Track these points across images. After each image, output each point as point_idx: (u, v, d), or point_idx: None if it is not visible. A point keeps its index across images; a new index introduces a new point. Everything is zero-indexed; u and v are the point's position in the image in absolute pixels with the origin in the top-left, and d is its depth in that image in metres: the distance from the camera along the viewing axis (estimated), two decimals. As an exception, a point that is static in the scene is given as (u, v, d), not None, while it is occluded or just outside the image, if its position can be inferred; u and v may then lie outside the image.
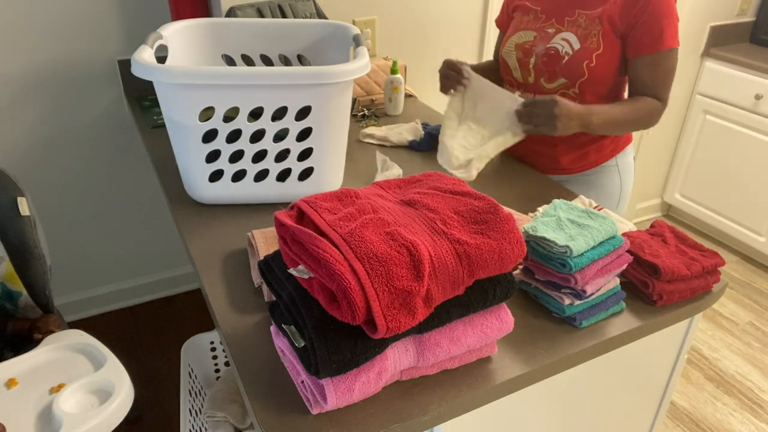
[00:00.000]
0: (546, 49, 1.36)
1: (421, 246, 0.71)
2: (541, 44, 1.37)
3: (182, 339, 1.74)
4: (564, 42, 1.35)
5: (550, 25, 1.38)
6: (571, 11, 1.35)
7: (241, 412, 1.47)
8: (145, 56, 1.09)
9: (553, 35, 1.36)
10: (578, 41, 1.33)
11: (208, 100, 1.11)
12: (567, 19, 1.35)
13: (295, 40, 1.47)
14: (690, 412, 1.97)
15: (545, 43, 1.37)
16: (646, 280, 0.98)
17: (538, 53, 1.37)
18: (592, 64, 1.32)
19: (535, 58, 1.38)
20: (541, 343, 0.91)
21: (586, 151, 1.44)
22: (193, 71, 1.07)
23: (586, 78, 1.34)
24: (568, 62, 1.34)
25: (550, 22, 1.38)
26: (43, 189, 2.04)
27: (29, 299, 1.37)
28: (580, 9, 1.34)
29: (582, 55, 1.33)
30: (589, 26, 1.32)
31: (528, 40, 1.40)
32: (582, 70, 1.33)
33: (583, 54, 1.32)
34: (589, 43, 1.32)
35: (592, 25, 1.32)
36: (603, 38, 1.31)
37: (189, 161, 1.20)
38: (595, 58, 1.32)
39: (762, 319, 2.40)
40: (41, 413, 1.04)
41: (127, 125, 2.06)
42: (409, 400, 0.80)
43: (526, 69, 1.41)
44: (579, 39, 1.33)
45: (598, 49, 1.31)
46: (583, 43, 1.33)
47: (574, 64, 1.33)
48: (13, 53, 1.82)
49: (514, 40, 1.43)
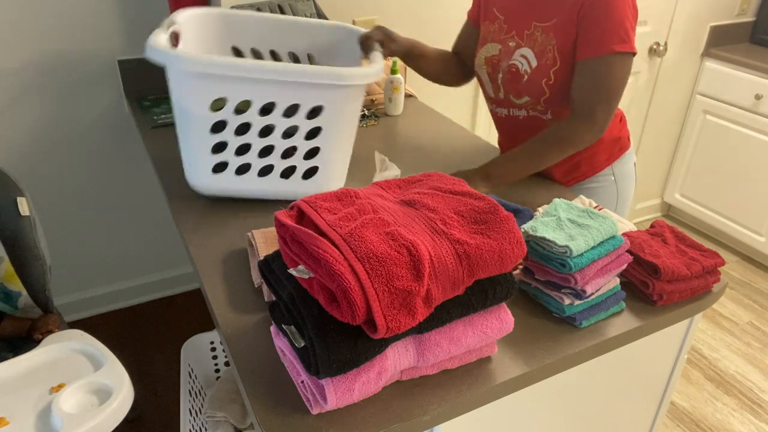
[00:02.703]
0: (508, 66, 1.29)
1: (421, 246, 0.71)
2: (505, 60, 1.30)
3: (182, 339, 1.74)
4: (522, 59, 1.26)
5: (511, 38, 1.29)
6: (528, 24, 1.25)
7: (241, 412, 1.47)
8: (160, 41, 1.07)
9: (513, 50, 1.28)
10: (535, 58, 1.24)
11: (222, 91, 1.09)
12: (525, 32, 1.26)
13: (305, 38, 1.45)
14: (690, 412, 1.97)
15: (507, 59, 1.29)
16: (646, 280, 0.98)
17: (503, 68, 1.30)
18: (551, 81, 1.23)
19: (502, 74, 1.31)
20: (541, 343, 0.91)
21: (577, 161, 1.36)
22: (210, 60, 1.05)
23: (548, 96, 1.26)
24: (528, 81, 1.26)
25: (511, 35, 1.29)
26: (43, 189, 2.04)
27: (29, 299, 1.37)
28: (537, 21, 1.23)
29: (539, 73, 1.24)
30: (545, 41, 1.22)
31: (494, 54, 1.32)
32: (542, 89, 1.25)
33: (540, 72, 1.23)
34: (545, 60, 1.22)
35: (547, 39, 1.21)
36: (558, 52, 1.20)
37: (194, 150, 1.18)
38: (552, 74, 1.22)
39: (762, 319, 2.40)
40: (41, 413, 1.04)
41: (127, 125, 2.06)
42: (409, 400, 0.80)
43: (495, 84, 1.34)
44: (536, 55, 1.24)
45: (555, 65, 1.21)
46: (540, 60, 1.23)
47: (534, 83, 1.25)
48: (13, 53, 1.82)
49: (482, 53, 1.36)
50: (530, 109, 1.30)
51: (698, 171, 2.85)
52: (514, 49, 1.27)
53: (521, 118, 1.34)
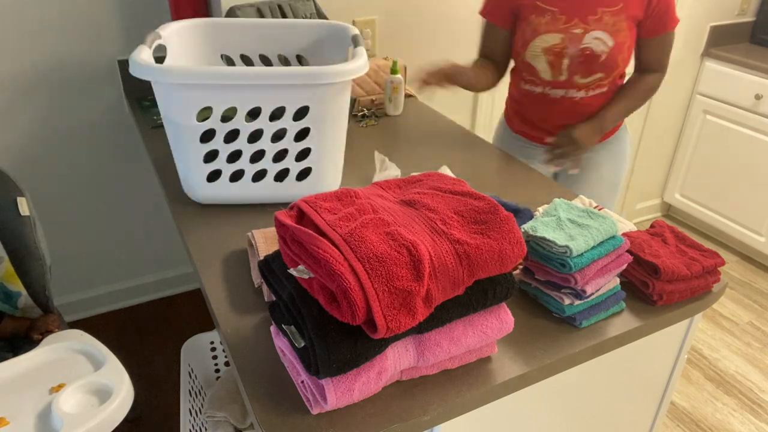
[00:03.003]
0: (581, 50, 1.43)
1: (421, 246, 0.71)
2: (572, 46, 1.43)
3: (182, 339, 1.74)
4: (597, 41, 1.42)
5: (575, 25, 1.43)
6: (593, 10, 1.41)
7: (241, 412, 1.47)
8: (143, 56, 1.09)
9: (581, 36, 1.43)
10: (611, 38, 1.42)
11: (206, 100, 1.11)
12: (591, 17, 1.41)
13: (293, 40, 1.47)
14: (690, 412, 1.97)
15: (576, 45, 1.43)
16: (646, 280, 0.98)
17: (571, 55, 1.44)
18: (625, 55, 1.45)
19: (569, 59, 1.45)
20: (541, 343, 0.91)
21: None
22: (191, 71, 1.07)
23: (619, 69, 1.47)
24: (606, 59, 1.44)
25: (574, 23, 1.43)
26: (43, 189, 2.04)
27: (29, 299, 1.37)
28: (602, 7, 1.41)
29: (617, 50, 1.43)
30: (617, 22, 1.41)
31: (555, 43, 1.44)
32: (617, 63, 1.45)
33: (618, 49, 1.43)
34: (621, 38, 1.42)
35: (619, 20, 1.41)
36: (629, 30, 1.43)
37: (187, 161, 1.20)
38: (626, 49, 1.45)
39: (762, 319, 2.40)
40: (41, 413, 1.04)
41: (127, 125, 2.06)
42: (409, 400, 0.80)
43: (557, 69, 1.48)
44: (611, 35, 1.42)
45: (626, 41, 1.43)
46: (616, 39, 1.42)
47: (612, 59, 1.44)
48: (13, 53, 1.82)
49: (538, 44, 1.46)
50: (593, 87, 1.49)
51: (698, 171, 2.85)
52: (582, 34, 1.43)
53: (576, 100, 1.52)
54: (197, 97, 1.10)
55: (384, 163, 1.39)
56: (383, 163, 1.39)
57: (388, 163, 1.38)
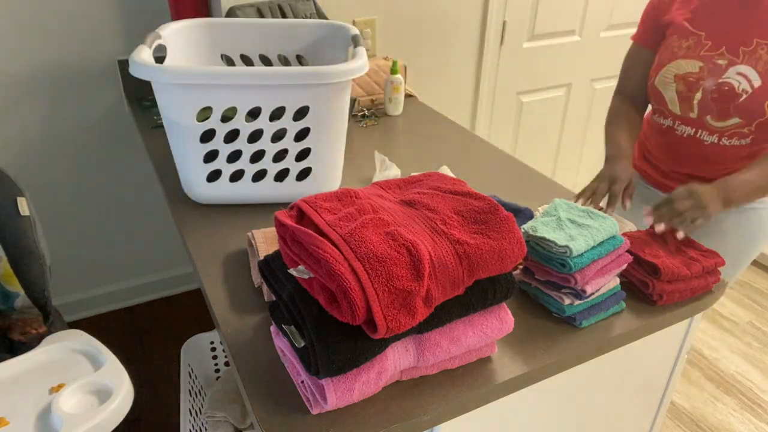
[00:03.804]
0: (718, 85, 1.21)
1: (421, 246, 0.71)
2: (711, 78, 1.22)
3: (182, 339, 1.74)
4: (740, 77, 1.19)
5: (720, 55, 1.21)
6: (748, 40, 1.18)
7: (241, 412, 1.47)
8: (143, 56, 1.09)
9: (725, 68, 1.20)
10: (759, 77, 1.17)
11: (206, 100, 1.11)
12: (742, 49, 1.19)
13: (293, 40, 1.47)
14: (690, 412, 1.97)
15: (716, 77, 1.21)
16: (646, 280, 0.98)
17: (706, 88, 1.22)
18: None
19: (702, 93, 1.23)
20: (541, 343, 0.91)
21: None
22: (191, 71, 1.07)
23: (765, 119, 1.19)
24: (746, 101, 1.19)
25: (720, 52, 1.21)
26: (43, 189, 2.04)
27: (26, 300, 1.36)
28: (760, 38, 1.17)
29: (763, 93, 1.17)
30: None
31: (692, 71, 1.24)
32: (762, 110, 1.18)
33: (764, 92, 1.17)
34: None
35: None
36: None
37: (187, 161, 1.20)
38: None
39: (762, 319, 2.40)
40: (41, 413, 1.04)
41: (127, 125, 2.06)
42: (409, 400, 0.80)
43: (687, 104, 1.26)
44: (760, 74, 1.17)
45: None
46: (765, 80, 1.17)
47: (754, 103, 1.18)
48: (13, 53, 1.82)
49: (672, 69, 1.27)
50: (728, 134, 1.24)
51: None
52: (725, 67, 1.21)
53: (706, 144, 1.28)
54: (197, 97, 1.10)
55: (384, 163, 1.39)
56: (383, 163, 1.39)
57: (388, 163, 1.38)
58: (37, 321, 1.38)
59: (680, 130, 1.31)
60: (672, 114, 1.31)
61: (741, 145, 1.25)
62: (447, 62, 2.27)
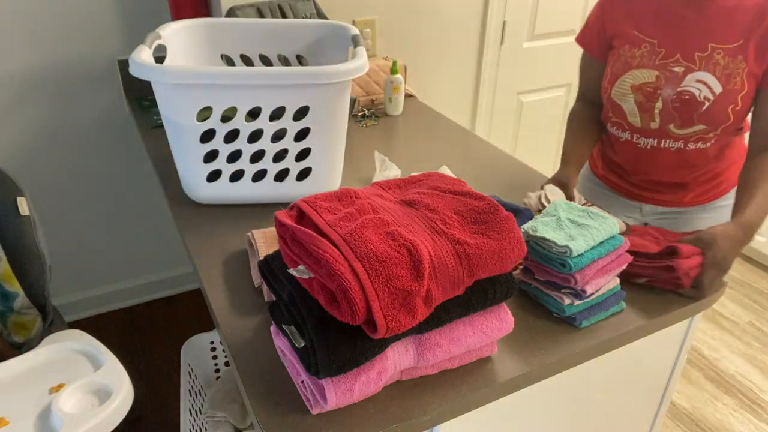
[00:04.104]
0: (678, 93, 1.18)
1: (421, 246, 0.71)
2: (669, 87, 1.18)
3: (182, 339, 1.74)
4: (700, 84, 1.15)
5: (676, 62, 1.17)
6: (702, 45, 1.15)
7: (241, 412, 1.47)
8: (143, 56, 1.09)
9: (682, 75, 1.17)
10: (718, 83, 1.14)
11: (206, 100, 1.11)
12: (698, 54, 1.15)
13: (293, 40, 1.47)
14: (690, 412, 1.97)
15: (674, 86, 1.18)
16: (668, 264, 0.96)
17: (666, 97, 1.19)
18: (738, 107, 1.15)
19: (662, 103, 1.20)
20: (541, 343, 0.91)
21: (719, 180, 1.32)
22: (191, 71, 1.07)
23: (729, 123, 1.17)
24: (710, 109, 1.16)
25: (675, 59, 1.18)
26: (43, 189, 2.04)
27: (26, 300, 1.36)
28: (714, 43, 1.13)
29: (726, 99, 1.15)
30: (731, 64, 1.12)
31: (649, 81, 1.20)
32: (727, 116, 1.16)
33: (726, 98, 1.15)
34: (732, 85, 1.14)
35: (735, 62, 1.12)
36: (747, 77, 1.12)
37: (187, 161, 1.20)
38: (740, 99, 1.14)
39: (762, 319, 2.40)
40: (41, 413, 1.04)
41: (127, 125, 2.06)
42: (409, 400, 0.80)
43: (649, 113, 1.23)
44: (720, 81, 1.14)
45: (743, 90, 1.13)
46: (725, 86, 1.14)
47: (718, 110, 1.16)
48: (13, 53, 1.82)
49: (627, 80, 1.23)
50: (693, 140, 1.22)
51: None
52: (682, 74, 1.17)
53: (673, 151, 1.25)
54: (197, 97, 1.10)
55: (384, 163, 1.39)
56: (383, 163, 1.39)
57: (388, 163, 1.39)
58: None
59: (641, 143, 1.28)
60: (630, 127, 1.28)
61: (707, 148, 1.24)
62: (447, 62, 2.27)
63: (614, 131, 1.33)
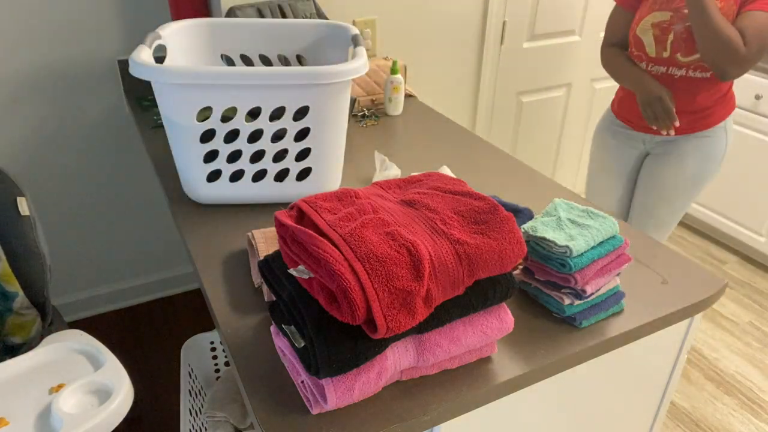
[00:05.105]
0: (686, 28, 1.52)
1: (421, 246, 0.71)
2: (680, 23, 1.53)
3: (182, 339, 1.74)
4: None
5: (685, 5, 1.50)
6: None
7: (241, 412, 1.47)
8: (143, 56, 1.09)
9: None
10: None
11: (206, 100, 1.11)
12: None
13: (294, 40, 1.47)
14: (690, 412, 1.97)
15: (684, 22, 1.52)
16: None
17: (676, 30, 1.54)
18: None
19: (674, 35, 1.54)
20: (541, 343, 0.91)
21: (706, 113, 1.63)
22: (191, 71, 1.07)
23: None
24: None
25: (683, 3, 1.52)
26: (43, 189, 2.04)
27: (25, 300, 1.36)
28: None
29: None
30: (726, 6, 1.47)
31: (664, 19, 1.55)
32: None
33: None
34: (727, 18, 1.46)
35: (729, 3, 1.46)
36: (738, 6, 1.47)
37: (187, 161, 1.20)
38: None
39: (762, 319, 2.40)
40: (41, 413, 1.04)
41: (127, 125, 2.06)
42: (409, 400, 0.80)
43: (662, 45, 1.57)
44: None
45: (732, 18, 1.47)
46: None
47: None
48: (13, 53, 1.82)
49: (649, 19, 1.58)
50: (693, 67, 1.55)
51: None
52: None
53: (676, 78, 1.59)
54: (197, 97, 1.10)
55: (384, 163, 1.39)
56: (383, 163, 1.39)
57: (388, 163, 1.38)
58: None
59: (654, 70, 1.62)
60: (647, 57, 1.62)
61: (704, 78, 1.57)
62: (447, 62, 2.27)
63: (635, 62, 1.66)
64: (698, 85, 1.58)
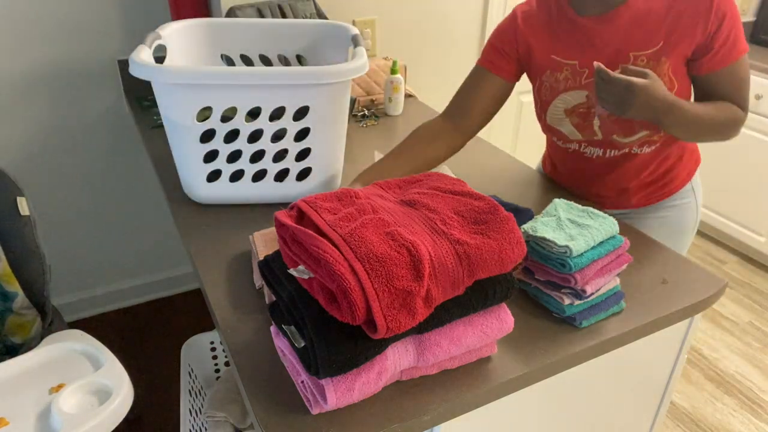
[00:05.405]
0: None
1: (421, 246, 0.71)
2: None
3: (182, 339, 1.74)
4: None
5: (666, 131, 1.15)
6: (623, 56, 1.13)
7: (241, 412, 1.47)
8: (143, 56, 1.09)
9: None
10: None
11: (206, 100, 1.11)
12: (621, 66, 1.13)
13: (294, 40, 1.47)
14: (690, 412, 1.97)
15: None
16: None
17: (601, 114, 1.18)
18: None
19: (600, 119, 1.19)
20: (541, 343, 0.91)
21: (666, 180, 1.30)
22: (191, 71, 1.07)
23: None
24: None
25: None
26: (43, 189, 2.04)
27: (25, 300, 1.36)
28: (634, 50, 1.12)
29: None
30: (656, 67, 1.12)
31: (580, 102, 1.19)
32: None
33: None
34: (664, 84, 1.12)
35: (659, 65, 1.12)
36: (674, 74, 1.12)
37: (187, 161, 1.20)
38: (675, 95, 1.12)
39: (762, 319, 2.40)
40: (41, 413, 1.04)
41: (127, 125, 2.06)
42: (409, 400, 0.80)
43: (589, 131, 1.22)
44: None
45: (673, 88, 1.13)
46: None
47: None
48: (13, 53, 1.82)
49: (559, 105, 1.22)
50: (638, 144, 1.21)
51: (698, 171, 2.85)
52: None
53: (616, 156, 1.24)
54: (197, 97, 1.10)
55: (384, 163, 1.38)
56: (383, 163, 1.39)
57: (388, 163, 1.38)
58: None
59: (588, 152, 1.26)
60: (577, 140, 1.26)
61: (652, 151, 1.23)
62: (447, 62, 2.27)
63: (560, 144, 1.30)
64: (651, 157, 1.24)
